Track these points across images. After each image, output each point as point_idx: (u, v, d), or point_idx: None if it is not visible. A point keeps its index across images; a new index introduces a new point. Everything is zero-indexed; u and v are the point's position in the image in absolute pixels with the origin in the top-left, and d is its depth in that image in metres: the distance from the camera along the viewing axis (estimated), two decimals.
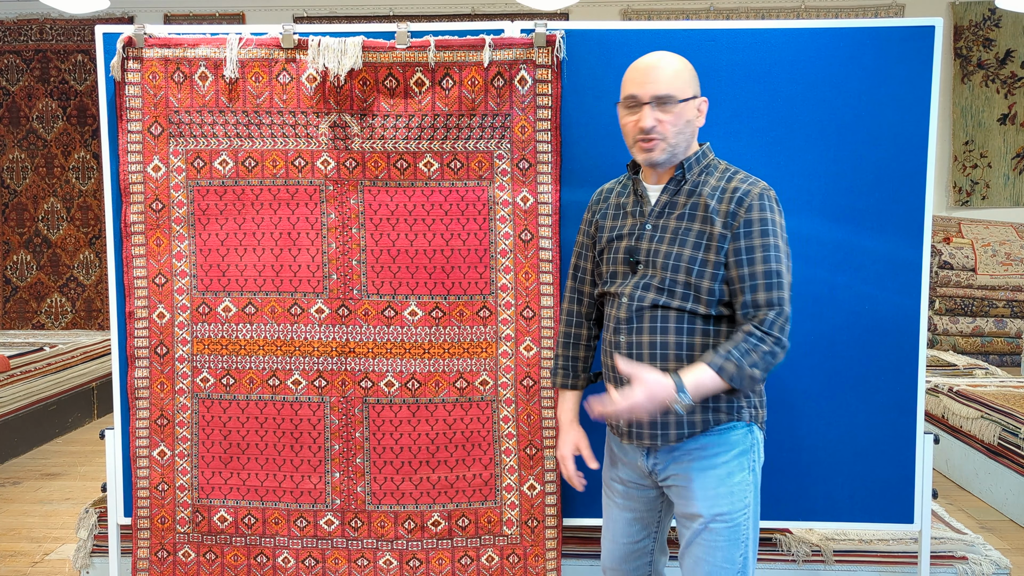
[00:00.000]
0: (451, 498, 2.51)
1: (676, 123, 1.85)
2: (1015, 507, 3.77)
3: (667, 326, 1.86)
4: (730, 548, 1.87)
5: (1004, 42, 6.45)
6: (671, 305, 1.85)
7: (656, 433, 1.88)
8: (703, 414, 1.86)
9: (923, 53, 2.39)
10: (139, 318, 2.52)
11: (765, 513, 2.52)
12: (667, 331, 1.86)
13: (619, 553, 2.07)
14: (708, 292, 1.83)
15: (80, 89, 6.77)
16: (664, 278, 1.85)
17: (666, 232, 1.88)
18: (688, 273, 1.84)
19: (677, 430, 1.87)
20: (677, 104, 1.84)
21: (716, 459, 1.89)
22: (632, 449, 1.97)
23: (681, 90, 1.85)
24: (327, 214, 2.47)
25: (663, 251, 1.87)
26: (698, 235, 1.85)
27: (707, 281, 1.83)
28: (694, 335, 1.85)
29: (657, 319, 1.86)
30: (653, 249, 1.89)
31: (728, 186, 1.87)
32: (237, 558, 2.56)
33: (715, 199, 1.85)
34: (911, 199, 2.43)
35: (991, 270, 5.95)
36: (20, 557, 3.40)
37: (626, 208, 1.98)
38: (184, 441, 2.55)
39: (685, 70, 1.88)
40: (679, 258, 1.84)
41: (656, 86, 1.84)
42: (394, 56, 2.38)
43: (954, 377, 4.91)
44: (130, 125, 2.47)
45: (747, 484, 1.90)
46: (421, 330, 2.47)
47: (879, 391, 2.48)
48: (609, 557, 2.10)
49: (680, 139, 1.87)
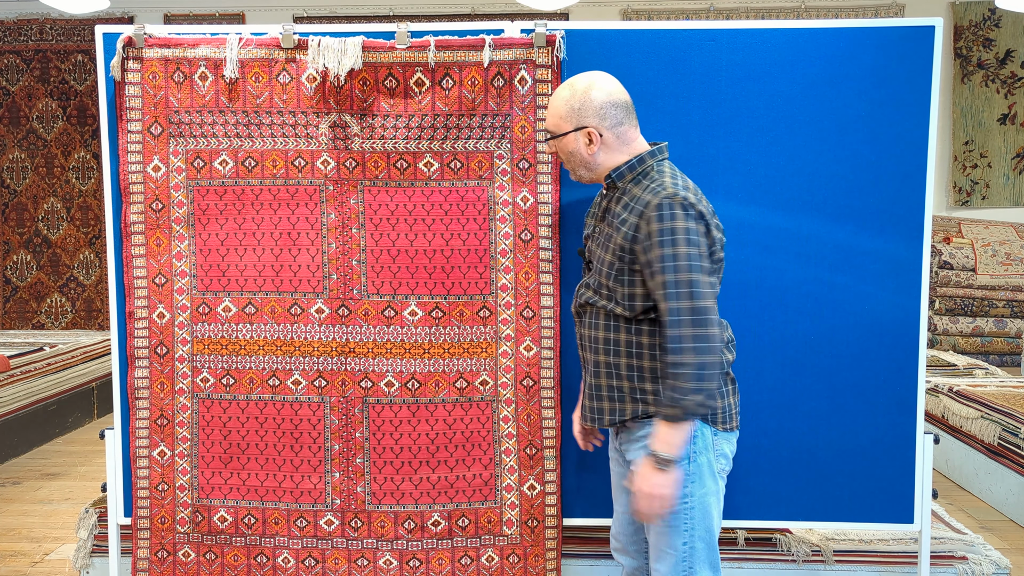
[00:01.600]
0: (451, 498, 2.51)
1: (564, 153, 2.05)
2: (1015, 507, 3.77)
3: (597, 322, 2.02)
4: (672, 535, 1.98)
5: (1004, 42, 6.45)
6: (598, 304, 2.01)
7: (595, 417, 2.07)
8: (632, 404, 2.00)
9: (923, 53, 2.39)
10: (139, 318, 2.52)
11: (765, 513, 2.53)
12: (598, 327, 2.02)
13: (620, 520, 2.21)
14: (622, 296, 1.95)
15: (80, 89, 6.78)
16: (596, 279, 2.02)
17: (600, 236, 2.04)
18: (608, 277, 1.98)
19: (610, 416, 2.04)
20: (561, 139, 2.04)
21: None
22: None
23: (559, 126, 2.03)
24: (327, 214, 2.47)
25: (597, 254, 2.04)
26: (615, 242, 1.96)
27: (621, 287, 1.95)
28: (619, 332, 1.99)
29: (594, 315, 2.03)
30: (592, 250, 2.07)
31: (641, 196, 1.93)
32: (237, 558, 2.56)
33: (627, 209, 1.95)
34: (911, 199, 2.43)
35: (991, 270, 5.95)
36: (20, 557, 3.40)
37: (595, 211, 2.15)
38: (184, 441, 2.55)
39: (565, 104, 2.01)
40: (602, 262, 2.00)
41: (546, 123, 2.07)
42: (394, 56, 2.38)
43: (954, 377, 4.91)
44: (130, 125, 2.47)
45: (689, 475, 1.96)
46: (421, 330, 2.47)
47: (879, 391, 2.48)
48: (615, 525, 2.24)
49: (579, 164, 2.04)
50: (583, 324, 2.07)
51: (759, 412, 2.47)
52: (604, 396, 2.03)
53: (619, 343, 1.99)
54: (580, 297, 2.08)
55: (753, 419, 2.45)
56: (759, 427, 2.47)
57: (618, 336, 1.99)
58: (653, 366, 1.97)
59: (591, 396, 2.07)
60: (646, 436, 1.98)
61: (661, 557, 2.01)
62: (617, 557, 2.24)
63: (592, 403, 2.07)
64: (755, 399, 2.46)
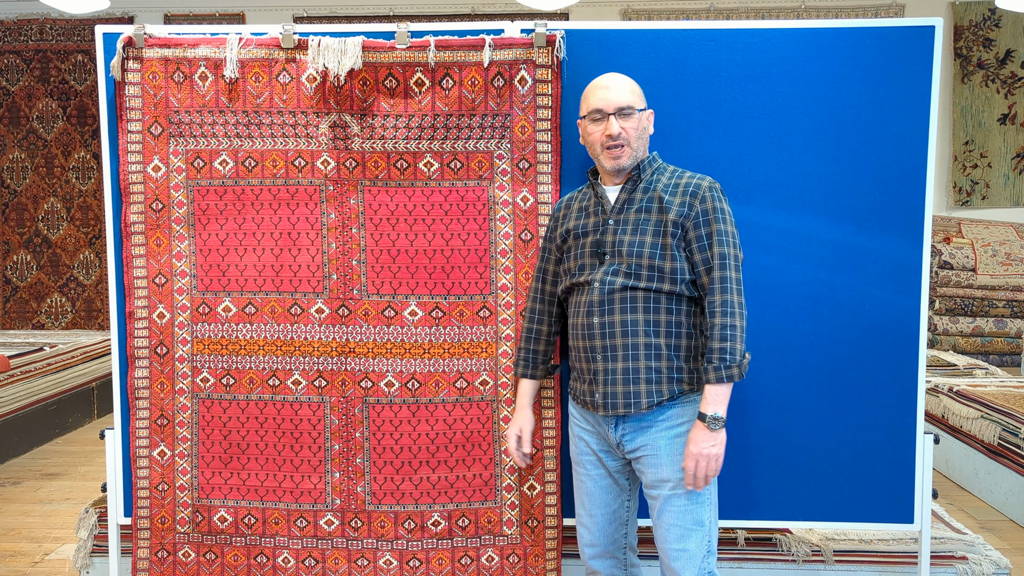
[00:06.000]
0: (451, 498, 2.51)
1: (636, 129, 2.12)
2: (1015, 507, 3.77)
3: (635, 305, 2.08)
4: (698, 510, 2.07)
5: (1004, 42, 6.45)
6: (638, 287, 2.08)
7: (629, 402, 2.09)
8: (668, 384, 2.08)
9: (923, 53, 2.39)
10: (139, 318, 2.52)
11: (765, 513, 2.53)
12: (636, 310, 2.08)
13: (599, 525, 2.23)
14: (671, 271, 2.07)
15: (80, 89, 6.77)
16: (630, 264, 2.09)
17: (627, 224, 2.12)
18: (651, 257, 2.08)
19: (648, 399, 2.08)
20: (636, 113, 2.12)
21: (682, 427, 2.09)
22: (603, 421, 2.16)
23: (636, 102, 2.13)
24: (327, 214, 2.47)
25: (626, 240, 2.10)
26: (656, 223, 2.09)
27: (668, 262, 2.07)
28: (659, 312, 2.08)
29: (627, 300, 2.08)
30: (617, 240, 2.12)
31: (680, 182, 2.14)
32: (237, 558, 2.56)
33: (668, 192, 2.12)
34: (911, 199, 2.43)
35: (991, 270, 5.95)
36: (20, 557, 3.40)
37: (588, 209, 2.20)
38: (184, 441, 2.55)
39: (636, 87, 2.17)
40: (642, 244, 2.09)
41: (618, 99, 2.11)
42: (394, 56, 2.38)
43: (954, 377, 4.91)
44: (130, 125, 2.47)
45: None
46: (421, 330, 2.47)
47: (879, 391, 2.48)
48: (587, 534, 2.25)
49: (639, 144, 2.14)
50: (610, 311, 2.09)
51: (759, 412, 2.47)
52: (642, 379, 2.07)
53: (659, 323, 2.08)
54: (606, 286, 2.09)
55: (753, 419, 2.45)
56: (759, 427, 2.47)
57: (658, 317, 2.08)
58: (690, 344, 2.10)
59: (623, 381, 2.08)
60: (665, 420, 2.09)
61: (686, 535, 2.06)
62: (593, 565, 2.26)
63: (624, 388, 2.08)
64: (755, 399, 2.46)
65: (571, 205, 2.25)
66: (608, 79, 2.16)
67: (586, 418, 2.21)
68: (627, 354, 2.08)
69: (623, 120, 2.10)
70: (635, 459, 2.14)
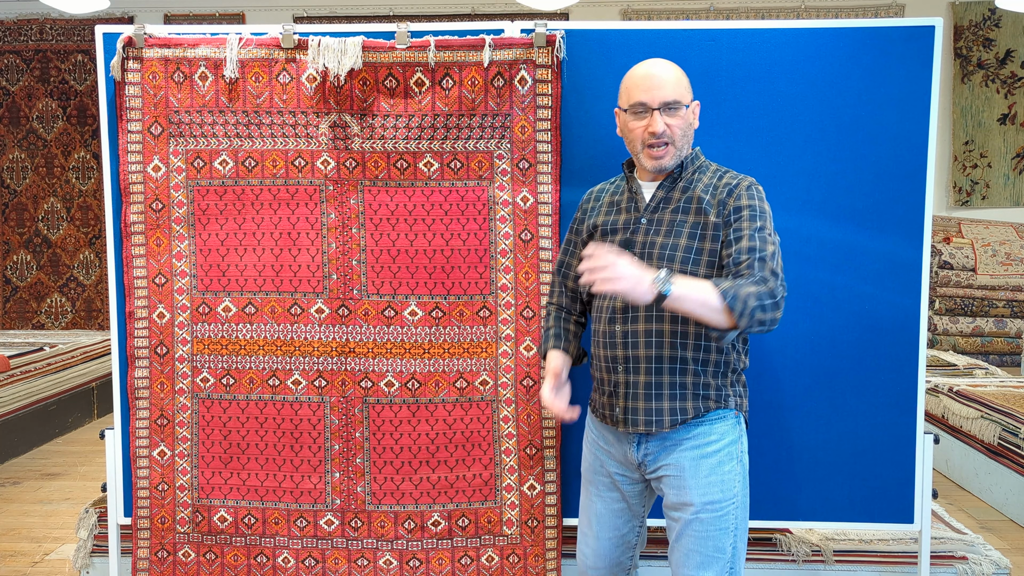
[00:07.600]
0: (451, 498, 2.51)
1: (682, 126, 1.94)
2: (1015, 507, 3.77)
3: (662, 314, 1.91)
4: (720, 537, 1.91)
5: (1004, 42, 6.45)
6: None
7: (651, 420, 1.93)
8: (694, 401, 1.93)
9: (923, 53, 2.39)
10: (139, 318, 2.52)
11: (765, 513, 2.53)
12: (662, 319, 1.91)
13: (604, 548, 2.10)
14: (705, 276, 1.88)
15: (80, 89, 6.77)
16: (660, 268, 1.86)
17: (661, 225, 1.96)
18: (684, 262, 1.90)
19: (671, 416, 1.93)
20: (683, 109, 1.93)
21: (708, 448, 1.94)
22: (623, 438, 2.01)
23: (684, 96, 1.94)
24: (327, 214, 2.47)
25: (659, 242, 1.94)
26: (693, 226, 1.92)
27: (702, 268, 1.90)
28: (688, 323, 1.90)
29: (652, 307, 1.90)
30: (648, 241, 1.95)
31: (720, 182, 1.96)
32: (237, 558, 2.56)
33: (708, 193, 1.94)
34: (911, 199, 2.43)
35: (991, 270, 5.95)
36: (20, 557, 3.40)
37: (620, 204, 2.05)
38: (184, 441, 2.55)
39: (683, 77, 1.97)
40: (675, 248, 1.91)
41: (663, 92, 1.92)
42: (394, 56, 2.38)
43: (954, 377, 4.91)
44: (130, 125, 2.47)
45: (736, 474, 1.95)
46: (421, 330, 2.47)
47: (879, 391, 2.48)
48: (592, 555, 2.12)
49: (684, 142, 1.97)
50: (633, 319, 1.93)
51: (759, 412, 2.47)
52: (665, 395, 1.92)
53: (687, 335, 1.91)
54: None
55: (753, 419, 2.45)
56: (759, 427, 2.47)
57: (686, 328, 1.90)
58: (719, 359, 1.93)
59: (645, 396, 1.93)
60: (691, 439, 1.93)
61: (706, 564, 1.91)
62: None
63: (646, 404, 1.93)
64: (755, 399, 2.45)
65: (601, 198, 2.10)
66: (653, 67, 1.95)
67: (605, 435, 2.06)
68: (650, 367, 1.92)
69: (669, 116, 1.91)
70: (656, 479, 2.00)
